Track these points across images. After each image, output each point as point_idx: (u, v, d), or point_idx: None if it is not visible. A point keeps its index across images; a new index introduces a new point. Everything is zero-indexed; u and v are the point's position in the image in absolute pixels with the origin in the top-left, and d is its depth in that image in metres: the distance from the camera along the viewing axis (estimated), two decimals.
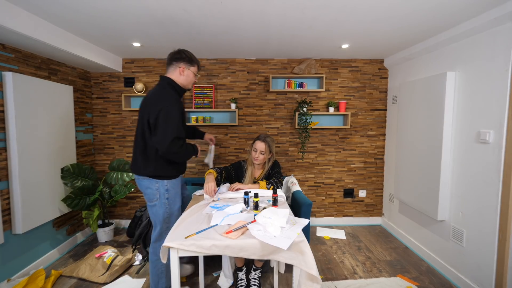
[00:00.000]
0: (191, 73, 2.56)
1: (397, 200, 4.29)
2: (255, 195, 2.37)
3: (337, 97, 4.56)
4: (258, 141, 3.19)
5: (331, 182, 4.71)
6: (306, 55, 4.27)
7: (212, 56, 4.35)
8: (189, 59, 2.55)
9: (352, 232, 4.47)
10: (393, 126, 4.41)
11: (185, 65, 2.53)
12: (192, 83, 2.60)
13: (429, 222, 3.58)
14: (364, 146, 4.66)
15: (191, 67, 2.56)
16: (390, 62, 4.37)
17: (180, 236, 1.89)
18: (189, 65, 2.55)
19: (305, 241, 1.86)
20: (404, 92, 3.90)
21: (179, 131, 2.37)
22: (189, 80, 2.57)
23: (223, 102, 4.50)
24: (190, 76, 2.56)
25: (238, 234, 1.89)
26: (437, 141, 3.26)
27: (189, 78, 2.56)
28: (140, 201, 4.61)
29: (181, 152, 2.42)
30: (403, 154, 3.94)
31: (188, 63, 2.55)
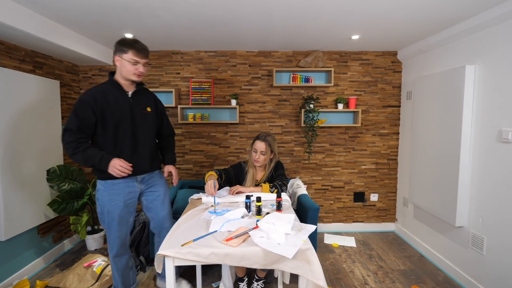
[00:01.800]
0: (125, 61, 2.42)
1: (412, 204, 4.29)
2: (258, 199, 2.37)
3: (346, 92, 4.55)
4: (257, 140, 3.17)
5: (340, 185, 4.71)
6: (313, 47, 4.26)
7: (211, 48, 4.35)
8: (120, 48, 2.42)
9: (363, 239, 4.47)
10: (407, 124, 4.40)
11: (118, 55, 2.44)
12: (134, 72, 2.45)
13: (446, 228, 3.57)
14: (376, 145, 4.66)
15: (124, 55, 2.41)
16: (404, 55, 4.36)
17: (176, 243, 1.89)
18: (121, 53, 2.42)
19: (311, 249, 1.86)
20: (419, 87, 3.89)
21: (71, 124, 2.36)
22: (126, 70, 2.44)
23: (222, 98, 4.50)
24: (125, 65, 2.43)
25: (239, 241, 1.89)
26: (455, 140, 3.25)
27: (124, 68, 2.44)
28: None
29: (69, 148, 2.38)
30: (418, 154, 3.94)
31: (120, 52, 2.42)
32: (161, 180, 2.87)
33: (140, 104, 2.61)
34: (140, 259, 3.55)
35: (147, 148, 2.65)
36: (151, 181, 2.76)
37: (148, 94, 2.73)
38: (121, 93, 2.52)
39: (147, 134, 2.64)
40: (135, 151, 2.59)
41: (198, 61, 4.45)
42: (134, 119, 2.56)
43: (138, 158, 2.60)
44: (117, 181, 2.56)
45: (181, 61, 4.44)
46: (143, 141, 2.62)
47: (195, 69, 4.46)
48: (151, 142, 2.71)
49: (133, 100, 2.56)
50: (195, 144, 4.55)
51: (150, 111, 2.68)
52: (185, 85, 4.47)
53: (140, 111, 2.59)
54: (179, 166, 4.57)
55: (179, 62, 4.45)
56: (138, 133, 2.58)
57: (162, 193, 2.83)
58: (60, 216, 3.95)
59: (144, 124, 2.62)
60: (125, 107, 2.51)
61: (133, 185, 2.64)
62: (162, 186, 2.84)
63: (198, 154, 4.57)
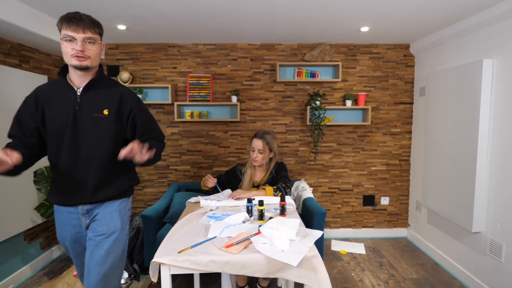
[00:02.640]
0: (61, 42, 1.94)
1: (425, 208, 4.28)
2: (260, 203, 2.37)
3: (355, 88, 4.55)
4: (255, 138, 3.23)
5: (349, 187, 4.71)
6: (319, 39, 4.26)
7: (210, 41, 4.36)
8: (59, 28, 1.96)
9: (373, 245, 4.47)
10: (420, 122, 4.40)
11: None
12: (71, 54, 1.91)
13: (462, 234, 3.57)
14: (386, 145, 4.66)
15: (60, 34, 1.94)
16: (417, 48, 4.36)
17: (172, 250, 1.89)
18: (60, 33, 1.95)
19: (318, 256, 1.86)
20: (434, 83, 3.89)
21: (11, 128, 2.05)
22: (64, 54, 1.95)
23: (222, 94, 4.50)
24: (62, 47, 1.94)
25: (240, 248, 1.90)
26: (471, 140, 3.25)
27: (62, 50, 1.94)
28: None
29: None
30: (432, 154, 3.94)
31: (59, 32, 1.95)
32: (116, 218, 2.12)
33: (92, 104, 2.03)
34: (134, 267, 3.56)
35: (93, 167, 2.03)
36: (97, 212, 2.10)
37: (110, 89, 2.12)
38: (68, 89, 2.02)
39: (95, 147, 2.03)
40: (74, 170, 2.01)
41: (196, 54, 4.46)
42: (78, 125, 1.99)
43: (78, 180, 2.03)
44: (60, 208, 2.10)
45: (177, 54, 4.45)
46: (88, 156, 2.02)
47: (192, 63, 4.46)
48: (103, 158, 2.05)
49: (82, 99, 2.01)
50: (193, 143, 4.56)
51: (108, 115, 2.05)
52: (182, 81, 4.47)
53: (90, 114, 2.01)
54: (176, 167, 4.59)
55: (175, 56, 4.45)
56: (82, 145, 2.01)
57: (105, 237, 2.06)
58: (48, 221, 3.95)
59: (93, 133, 2.02)
60: (68, 109, 1.99)
61: (77, 218, 2.09)
62: (112, 226, 2.09)
63: (196, 154, 4.58)
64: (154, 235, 3.40)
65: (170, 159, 4.57)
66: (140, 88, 4.31)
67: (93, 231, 2.06)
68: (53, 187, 2.08)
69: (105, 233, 2.05)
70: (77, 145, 2.00)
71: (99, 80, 2.07)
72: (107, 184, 2.10)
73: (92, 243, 2.05)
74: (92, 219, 2.09)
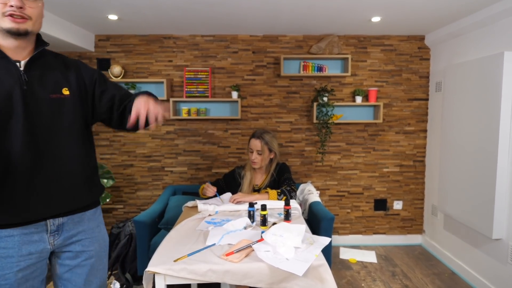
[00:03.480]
0: None
1: (442, 213, 4.28)
2: (263, 207, 2.37)
3: (366, 83, 4.55)
4: (252, 138, 3.24)
5: (359, 190, 4.71)
6: (327, 30, 4.26)
7: (208, 32, 4.36)
8: None
9: (385, 253, 4.47)
10: (436, 120, 4.39)
11: None
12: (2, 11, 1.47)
13: (482, 241, 3.57)
14: (400, 145, 4.65)
15: None
16: (432, 40, 4.35)
17: (168, 258, 1.90)
18: None
19: (325, 265, 1.86)
20: (451, 77, 3.88)
21: None
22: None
23: (222, 89, 4.51)
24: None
25: (241, 256, 1.90)
26: (492, 139, 3.24)
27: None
28: (117, 214, 4.64)
29: None
30: (449, 155, 3.93)
31: None
32: (97, 229, 1.83)
33: (45, 81, 1.63)
34: (126, 277, 3.57)
35: (64, 164, 1.65)
36: (75, 231, 1.73)
37: (60, 61, 1.74)
38: (5, 63, 1.55)
39: (63, 138, 1.66)
40: (38, 172, 1.58)
41: (194, 47, 4.46)
42: (33, 112, 1.56)
43: (44, 186, 1.60)
44: (6, 232, 1.54)
45: (173, 47, 4.45)
46: (54, 152, 1.62)
47: (190, 56, 4.47)
48: (75, 152, 1.70)
49: (30, 76, 1.58)
50: (190, 143, 4.57)
51: (70, 95, 1.68)
52: (178, 75, 4.48)
53: (46, 96, 1.61)
54: (171, 169, 4.60)
55: (171, 48, 4.46)
56: (43, 137, 1.59)
57: (94, 255, 1.80)
58: None
59: (56, 120, 1.63)
60: (10, 89, 1.52)
61: (40, 239, 1.62)
62: (95, 242, 1.81)
63: (193, 155, 4.59)
64: (148, 242, 3.40)
65: (166, 160, 4.57)
66: (132, 83, 4.31)
67: (81, 250, 1.75)
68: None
69: (96, 248, 1.80)
70: (35, 138, 1.56)
71: (44, 53, 1.67)
72: (84, 184, 1.75)
73: (85, 265, 1.76)
74: (68, 238, 1.70)
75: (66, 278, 1.75)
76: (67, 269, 1.74)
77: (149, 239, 3.42)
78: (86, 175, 1.75)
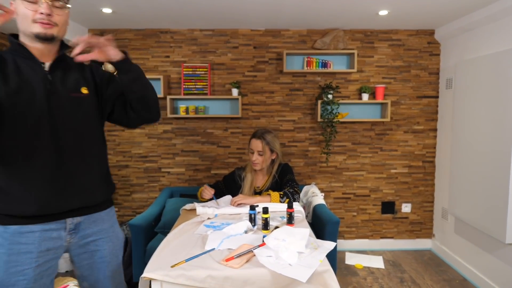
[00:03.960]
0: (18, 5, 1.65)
1: (453, 216, 4.27)
2: (264, 210, 2.37)
3: (372, 80, 4.55)
4: (253, 139, 3.24)
5: (365, 193, 4.71)
6: (332, 24, 4.25)
7: (207, 26, 4.36)
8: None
9: (392, 259, 4.46)
10: (447, 119, 4.38)
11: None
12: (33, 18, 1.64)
13: (494, 245, 3.56)
14: (408, 145, 4.64)
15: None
16: (443, 34, 4.34)
17: (165, 264, 1.89)
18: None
19: (330, 271, 1.85)
20: (462, 74, 3.87)
21: None
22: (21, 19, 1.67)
23: (221, 86, 4.50)
24: (19, 11, 1.65)
25: (242, 261, 1.89)
26: (505, 138, 3.23)
27: (19, 16, 1.67)
28: None
29: None
30: (460, 155, 3.92)
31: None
32: (111, 229, 2.02)
33: (66, 81, 1.82)
34: None
35: (83, 160, 1.84)
36: (91, 231, 1.91)
37: (76, 65, 1.90)
38: (32, 64, 1.74)
39: (82, 135, 1.85)
40: (59, 169, 1.75)
41: (192, 41, 4.46)
42: (55, 109, 1.76)
43: (64, 181, 1.78)
44: (28, 227, 1.72)
45: (171, 41, 4.45)
46: (75, 148, 1.81)
47: (188, 51, 4.46)
48: (93, 149, 1.91)
49: (53, 76, 1.78)
50: (188, 143, 4.57)
51: (88, 94, 1.88)
52: (175, 71, 4.47)
53: (67, 94, 1.80)
54: (168, 170, 4.59)
55: (168, 43, 4.45)
56: (64, 135, 1.78)
57: (108, 252, 1.98)
58: None
59: (76, 118, 1.83)
60: (37, 88, 1.72)
61: (58, 236, 1.80)
62: (109, 241, 1.99)
63: (191, 155, 4.58)
64: (144, 247, 3.40)
65: (162, 160, 4.57)
66: None
67: (96, 248, 1.93)
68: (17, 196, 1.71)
69: (110, 246, 1.98)
70: (58, 134, 1.75)
71: (65, 56, 1.85)
72: (101, 182, 1.95)
73: (102, 261, 1.95)
74: (84, 237, 1.89)
75: (87, 275, 1.97)
76: (86, 267, 1.95)
77: (145, 243, 3.41)
78: (102, 172, 1.96)
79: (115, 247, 2.02)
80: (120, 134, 4.48)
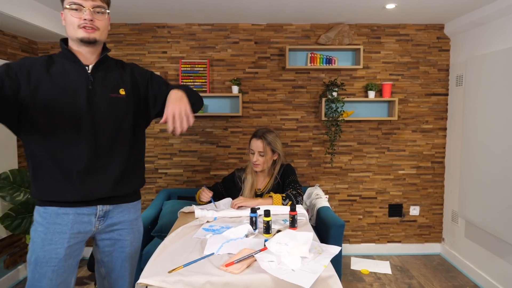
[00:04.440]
0: (66, 13, 1.95)
1: (463, 220, 4.27)
2: (266, 213, 2.36)
3: (379, 77, 4.54)
4: (253, 139, 3.23)
5: (371, 195, 4.70)
6: (337, 18, 4.25)
7: (206, 21, 4.36)
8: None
9: (400, 264, 4.46)
10: (457, 117, 4.38)
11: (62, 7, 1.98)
12: (78, 24, 1.92)
13: (507, 250, 3.55)
14: (417, 144, 4.64)
15: (63, 4, 1.96)
16: (453, 29, 4.33)
17: (162, 269, 1.89)
18: (62, 3, 1.97)
19: (335, 277, 1.85)
20: (473, 70, 3.86)
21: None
22: (68, 25, 1.95)
23: (221, 84, 4.50)
24: (67, 18, 1.94)
25: (243, 267, 1.89)
26: None
27: (67, 23, 1.96)
28: None
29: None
30: (471, 155, 3.92)
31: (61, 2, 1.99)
32: (135, 221, 2.28)
33: (106, 82, 2.08)
34: None
35: (115, 157, 2.09)
36: (117, 220, 2.17)
37: (119, 64, 2.21)
38: (77, 67, 2.01)
39: (116, 132, 2.09)
40: (96, 161, 2.02)
41: (190, 36, 4.46)
42: (95, 107, 2.01)
43: (98, 174, 2.03)
44: (64, 210, 1.99)
45: (168, 36, 4.45)
46: (110, 143, 2.06)
47: (186, 47, 4.46)
48: (125, 146, 2.14)
49: (95, 77, 2.03)
50: (186, 142, 4.56)
51: (125, 95, 2.12)
52: (173, 68, 4.47)
53: (106, 95, 2.05)
54: (165, 171, 4.59)
55: (165, 38, 4.45)
56: (102, 131, 2.03)
57: (129, 243, 2.24)
58: (14, 235, 3.96)
59: (112, 116, 2.06)
60: (79, 88, 1.98)
61: (89, 221, 2.07)
62: (131, 233, 2.24)
63: (189, 155, 4.58)
64: (140, 251, 3.39)
65: (159, 161, 4.57)
66: None
67: (118, 238, 2.19)
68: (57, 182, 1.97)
69: (131, 239, 2.23)
70: (95, 130, 2.00)
71: (107, 58, 2.14)
72: (130, 177, 2.19)
73: (121, 252, 2.20)
74: (110, 225, 2.15)
75: (106, 261, 2.21)
76: (107, 254, 2.19)
77: (141, 248, 3.41)
78: (134, 167, 2.20)
79: (135, 239, 2.27)
80: None
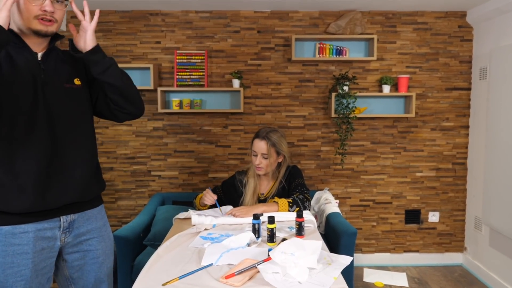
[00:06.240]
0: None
1: (487, 227, 4.26)
2: (270, 219, 2.36)
3: (395, 69, 4.54)
4: (256, 139, 3.18)
5: (386, 199, 4.71)
6: (348, 5, 4.25)
7: (204, 8, 4.36)
8: None
9: (418, 275, 4.46)
10: (480, 114, 4.37)
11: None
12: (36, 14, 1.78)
13: None
14: (436, 144, 4.64)
15: None
16: (476, 16, 4.33)
17: (155, 281, 1.89)
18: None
19: None
20: (499, 62, 3.86)
21: None
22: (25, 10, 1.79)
23: (221, 77, 4.51)
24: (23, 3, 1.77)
25: (244, 279, 1.89)
26: None
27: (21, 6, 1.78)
28: None
29: None
30: (496, 156, 3.92)
31: None
32: (104, 227, 2.22)
33: (59, 71, 1.99)
34: None
35: (77, 155, 2.03)
36: (85, 229, 2.10)
37: (66, 55, 2.10)
38: (25, 53, 1.89)
39: (76, 127, 2.03)
40: (54, 161, 1.93)
41: (186, 25, 4.46)
42: (50, 99, 1.92)
43: (59, 173, 1.94)
44: (21, 228, 1.85)
45: (162, 25, 4.45)
46: (69, 140, 1.99)
47: (181, 36, 4.47)
48: (86, 142, 2.10)
49: (46, 66, 1.94)
50: (182, 142, 4.57)
51: (80, 85, 2.07)
52: (167, 59, 4.48)
53: (60, 85, 1.98)
54: (159, 173, 4.60)
55: (159, 27, 4.46)
56: (59, 126, 1.95)
57: (101, 253, 2.18)
58: None
59: (70, 109, 2.00)
60: (31, 78, 1.88)
61: (53, 235, 1.97)
62: (102, 241, 2.19)
63: (186, 156, 4.59)
64: (131, 261, 3.40)
65: (152, 162, 4.58)
66: None
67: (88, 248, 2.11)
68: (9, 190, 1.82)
69: (103, 246, 2.18)
70: (53, 124, 1.91)
71: (55, 47, 2.05)
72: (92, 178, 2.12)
73: (95, 261, 2.14)
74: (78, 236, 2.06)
75: (77, 277, 2.13)
76: (77, 269, 2.12)
77: (132, 258, 3.42)
78: (94, 167, 2.14)
79: (107, 247, 2.22)
80: (104, 132, 4.49)
